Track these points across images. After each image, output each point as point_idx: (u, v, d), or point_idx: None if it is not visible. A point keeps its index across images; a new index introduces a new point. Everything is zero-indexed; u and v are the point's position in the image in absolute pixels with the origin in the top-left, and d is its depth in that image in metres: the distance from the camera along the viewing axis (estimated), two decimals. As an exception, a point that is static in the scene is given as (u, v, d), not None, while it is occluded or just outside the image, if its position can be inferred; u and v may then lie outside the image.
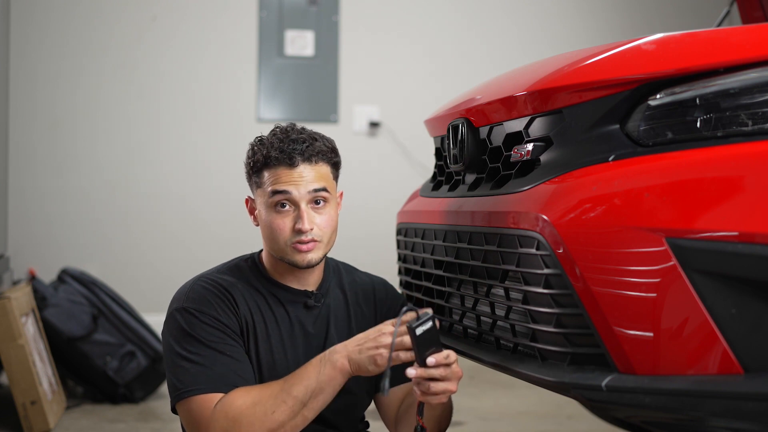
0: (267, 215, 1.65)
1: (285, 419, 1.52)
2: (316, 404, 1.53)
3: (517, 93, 1.57)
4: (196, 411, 1.55)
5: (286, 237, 1.63)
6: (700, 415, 1.21)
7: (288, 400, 1.52)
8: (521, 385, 3.39)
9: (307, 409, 1.53)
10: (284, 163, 1.63)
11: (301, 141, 1.65)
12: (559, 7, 4.67)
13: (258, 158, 1.65)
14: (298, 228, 1.62)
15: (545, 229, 1.36)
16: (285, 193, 1.62)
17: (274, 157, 1.63)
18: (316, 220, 1.64)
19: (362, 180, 4.36)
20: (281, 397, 1.52)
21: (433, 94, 4.22)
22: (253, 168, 1.67)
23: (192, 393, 1.55)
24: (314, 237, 1.63)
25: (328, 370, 1.52)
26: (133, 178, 4.28)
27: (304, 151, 1.64)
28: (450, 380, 1.49)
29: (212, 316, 1.60)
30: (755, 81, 1.25)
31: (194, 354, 1.57)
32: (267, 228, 1.65)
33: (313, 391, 1.52)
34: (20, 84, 4.17)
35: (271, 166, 1.64)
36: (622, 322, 1.26)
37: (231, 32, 4.38)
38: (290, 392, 1.52)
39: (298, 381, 1.53)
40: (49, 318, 3.31)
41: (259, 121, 4.37)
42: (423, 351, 1.45)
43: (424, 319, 1.45)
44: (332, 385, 1.54)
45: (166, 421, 3.07)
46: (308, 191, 1.63)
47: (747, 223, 1.15)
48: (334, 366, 1.53)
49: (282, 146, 1.64)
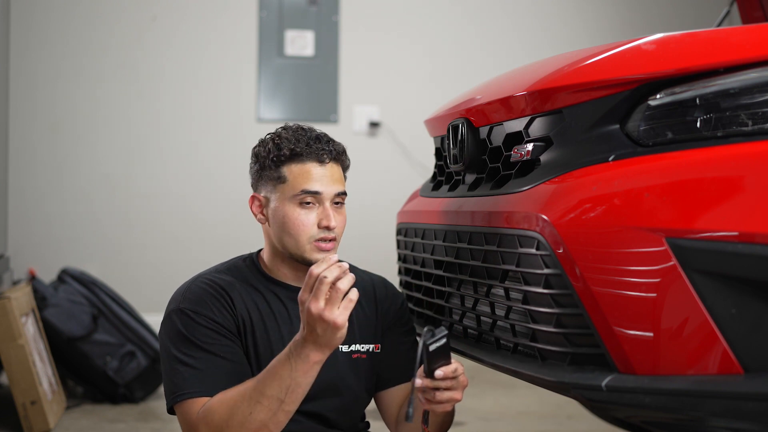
0: (288, 210, 1.63)
1: (265, 418, 1.50)
2: (295, 397, 1.50)
3: (517, 93, 1.57)
4: (187, 415, 1.56)
5: (310, 234, 1.63)
6: (700, 415, 1.21)
7: (263, 400, 1.49)
8: (521, 385, 3.39)
9: (286, 404, 1.50)
10: (314, 159, 1.63)
11: (325, 140, 1.66)
12: (559, 7, 4.67)
13: (284, 152, 1.63)
14: (326, 225, 1.62)
15: (545, 229, 1.36)
16: (315, 194, 1.63)
17: (304, 152, 1.63)
18: (336, 218, 1.65)
19: (362, 180, 4.34)
20: (255, 398, 1.50)
21: (433, 94, 4.22)
22: (275, 161, 1.65)
23: (185, 396, 1.56)
24: (335, 235, 1.65)
25: (301, 366, 1.48)
26: (133, 178, 4.28)
27: (331, 150, 1.65)
28: (455, 390, 1.51)
29: (208, 317, 1.60)
30: (755, 81, 1.25)
31: (189, 357, 1.57)
32: (288, 223, 1.63)
33: (289, 387, 1.49)
34: (20, 84, 4.17)
35: (299, 161, 1.63)
36: (622, 322, 1.26)
37: (231, 32, 4.38)
38: (264, 392, 1.49)
39: (270, 380, 1.50)
40: (49, 318, 3.31)
41: (259, 121, 4.37)
42: (432, 364, 1.47)
43: (439, 335, 1.46)
44: (309, 376, 1.50)
45: (166, 421, 3.07)
46: (335, 192, 1.65)
47: (747, 223, 1.15)
48: (306, 360, 1.48)
49: (309, 142, 1.64)
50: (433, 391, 1.49)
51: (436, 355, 1.46)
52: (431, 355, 1.46)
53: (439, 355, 1.47)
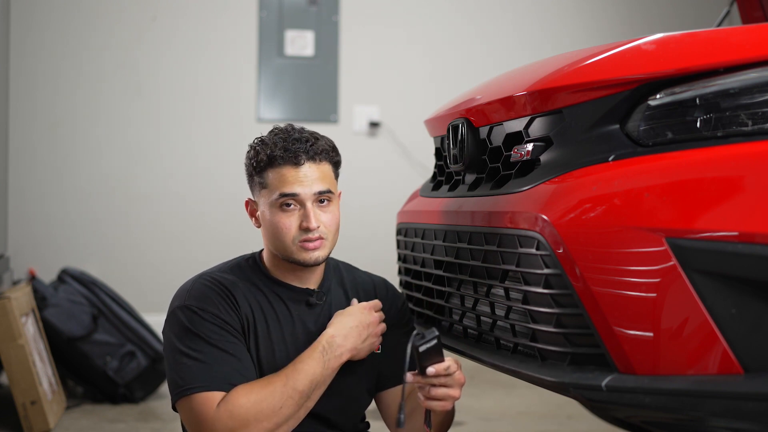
0: (272, 215, 1.65)
1: (291, 413, 1.56)
2: (317, 395, 1.60)
3: (517, 93, 1.57)
4: (198, 409, 1.54)
5: (293, 236, 1.64)
6: (700, 415, 1.21)
7: (294, 395, 1.56)
8: (521, 385, 3.39)
9: (310, 401, 1.59)
10: (289, 162, 1.64)
11: (304, 140, 1.66)
12: (559, 7, 4.67)
13: (261, 158, 1.65)
14: (305, 226, 1.63)
15: (545, 229, 1.36)
16: (293, 196, 1.63)
17: (279, 156, 1.63)
18: (321, 218, 1.65)
19: (362, 180, 4.36)
20: (287, 393, 1.55)
21: (433, 94, 4.22)
22: (256, 168, 1.67)
23: (194, 390, 1.55)
24: (321, 234, 1.64)
25: (333, 363, 1.60)
26: (133, 178, 4.28)
27: (308, 150, 1.65)
28: (451, 386, 1.53)
29: (214, 313, 1.60)
30: (755, 81, 1.25)
31: (196, 351, 1.57)
32: (272, 228, 1.65)
33: (317, 384, 1.58)
34: (20, 84, 4.17)
35: (276, 166, 1.64)
36: (622, 322, 1.26)
37: (231, 32, 4.38)
38: (296, 387, 1.56)
39: (303, 375, 1.57)
40: (49, 318, 3.31)
41: (259, 121, 4.37)
42: (424, 363, 1.49)
43: (429, 337, 1.48)
44: (332, 376, 1.61)
45: (166, 421, 3.07)
46: (314, 192, 1.64)
47: (747, 223, 1.15)
48: (339, 358, 1.60)
49: (286, 145, 1.64)
50: (427, 387, 1.52)
51: (427, 355, 1.48)
52: (422, 356, 1.48)
53: (431, 356, 1.49)
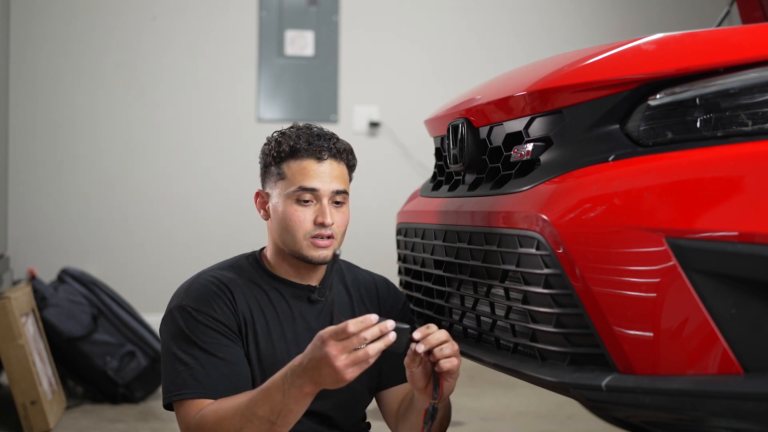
0: (286, 207, 1.64)
1: None
2: (287, 421, 1.48)
3: (517, 93, 1.57)
4: (183, 415, 1.57)
5: (306, 230, 1.63)
6: (700, 415, 1.21)
7: (254, 420, 1.47)
8: (521, 385, 3.39)
9: (277, 426, 1.47)
10: (312, 156, 1.64)
11: (327, 138, 1.67)
12: (559, 7, 4.67)
13: (284, 149, 1.64)
14: (321, 221, 1.62)
15: (545, 229, 1.36)
16: (312, 190, 1.63)
17: (303, 149, 1.63)
18: (335, 216, 1.65)
19: (362, 180, 4.31)
20: (247, 416, 1.48)
21: (433, 94, 4.22)
22: (276, 158, 1.66)
23: (181, 397, 1.57)
24: (332, 233, 1.64)
25: (294, 393, 1.45)
26: (133, 178, 4.28)
27: (331, 147, 1.65)
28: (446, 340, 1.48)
29: (209, 315, 1.61)
30: (755, 81, 1.25)
31: (189, 356, 1.58)
32: (284, 220, 1.64)
33: (281, 412, 1.46)
34: (20, 84, 4.17)
35: (298, 158, 1.64)
36: (622, 322, 1.26)
37: (231, 32, 4.38)
38: (255, 412, 1.47)
39: (263, 401, 1.47)
40: (49, 318, 3.31)
41: (259, 121, 4.37)
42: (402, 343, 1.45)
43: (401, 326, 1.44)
44: (302, 404, 1.47)
45: (166, 421, 3.07)
46: (332, 190, 1.64)
47: (747, 223, 1.15)
48: (300, 390, 1.44)
49: (310, 139, 1.65)
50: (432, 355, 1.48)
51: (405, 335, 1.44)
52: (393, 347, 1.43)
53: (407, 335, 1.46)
